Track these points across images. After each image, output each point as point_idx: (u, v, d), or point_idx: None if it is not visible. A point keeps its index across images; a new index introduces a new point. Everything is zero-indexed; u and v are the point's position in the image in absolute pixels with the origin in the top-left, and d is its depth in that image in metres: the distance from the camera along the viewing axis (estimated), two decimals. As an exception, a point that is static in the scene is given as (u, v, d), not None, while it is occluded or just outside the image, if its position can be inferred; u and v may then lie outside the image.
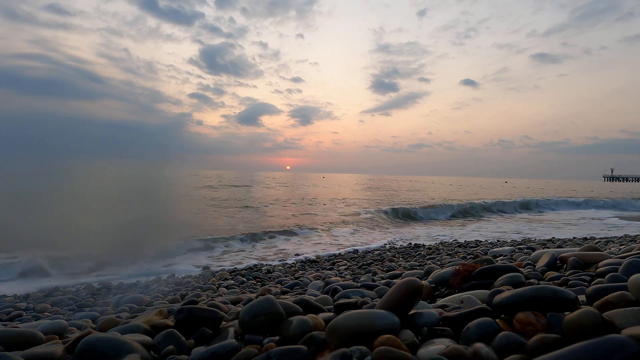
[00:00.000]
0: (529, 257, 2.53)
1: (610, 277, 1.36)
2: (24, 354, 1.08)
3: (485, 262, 2.14)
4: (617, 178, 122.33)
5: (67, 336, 1.45)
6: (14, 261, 5.28)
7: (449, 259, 4.18)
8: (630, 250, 2.11)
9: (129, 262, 5.21)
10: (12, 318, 2.63)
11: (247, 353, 1.03)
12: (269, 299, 1.24)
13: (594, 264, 1.83)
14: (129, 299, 2.97)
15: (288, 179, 48.24)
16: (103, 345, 1.03)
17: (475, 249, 5.01)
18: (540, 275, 1.87)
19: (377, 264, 4.44)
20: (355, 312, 1.08)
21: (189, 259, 5.74)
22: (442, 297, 1.66)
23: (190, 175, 30.15)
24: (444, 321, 1.13)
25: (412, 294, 1.14)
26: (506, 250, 3.62)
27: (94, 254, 5.39)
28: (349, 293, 1.95)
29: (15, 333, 1.24)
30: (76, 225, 6.08)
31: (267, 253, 6.42)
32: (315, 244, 7.36)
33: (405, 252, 5.62)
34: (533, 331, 0.97)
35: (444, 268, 2.13)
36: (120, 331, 1.28)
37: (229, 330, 1.25)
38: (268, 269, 4.62)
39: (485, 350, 0.89)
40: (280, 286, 3.17)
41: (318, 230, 9.00)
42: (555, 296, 1.04)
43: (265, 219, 11.16)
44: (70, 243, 5.75)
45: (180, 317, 1.30)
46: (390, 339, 0.97)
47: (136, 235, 6.09)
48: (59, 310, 2.90)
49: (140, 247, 5.84)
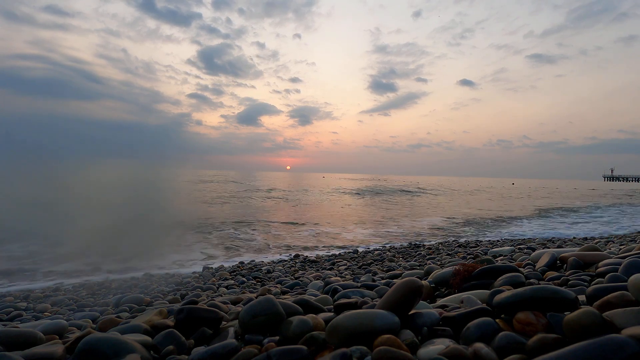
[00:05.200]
0: (529, 257, 2.53)
1: (610, 277, 1.36)
2: (24, 354, 1.08)
3: (485, 262, 2.14)
4: (617, 178, 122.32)
5: (67, 336, 1.45)
6: (13, 257, 5.29)
7: (449, 259, 4.18)
8: (630, 250, 2.12)
9: (128, 261, 5.22)
10: (12, 318, 2.63)
11: (247, 353, 1.03)
12: (269, 299, 1.24)
13: (594, 264, 1.83)
14: (129, 299, 2.97)
15: (309, 182, 42.19)
16: (103, 345, 1.03)
17: (475, 249, 5.01)
18: (540, 275, 1.87)
19: (377, 264, 4.44)
20: (355, 312, 1.08)
21: (189, 259, 5.74)
22: (442, 297, 1.66)
23: (196, 179, 28.79)
24: (444, 321, 1.13)
25: (412, 294, 1.14)
26: (506, 250, 3.62)
27: (93, 254, 5.40)
28: (349, 293, 1.95)
29: (15, 333, 1.24)
30: (75, 224, 6.08)
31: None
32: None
33: (406, 252, 5.62)
34: (533, 331, 0.97)
35: (444, 268, 2.13)
36: (120, 331, 1.28)
37: (229, 330, 1.25)
38: (268, 269, 4.62)
39: (485, 350, 0.89)
40: (280, 286, 3.17)
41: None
42: (555, 296, 1.04)
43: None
44: (69, 241, 5.76)
45: (180, 317, 1.30)
46: (390, 339, 0.97)
47: (136, 235, 6.09)
48: (59, 310, 2.90)
49: (140, 247, 5.85)
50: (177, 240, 6.77)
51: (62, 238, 5.95)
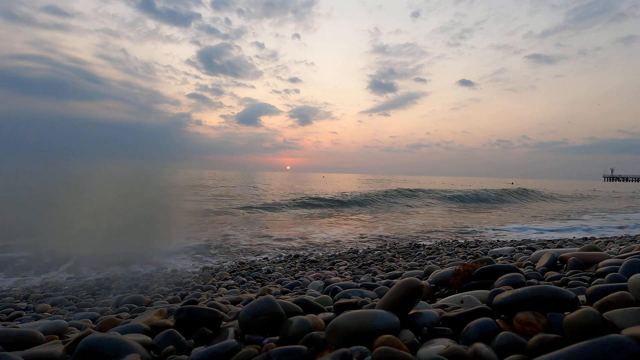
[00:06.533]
0: (529, 257, 2.53)
1: (610, 277, 1.36)
2: (24, 354, 1.08)
3: (485, 262, 2.14)
4: (617, 178, 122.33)
5: (67, 336, 1.45)
6: (14, 256, 5.29)
7: (449, 259, 4.18)
8: (630, 250, 2.12)
9: (128, 260, 5.22)
10: (12, 318, 2.63)
11: (247, 353, 1.03)
12: (269, 299, 1.24)
13: (594, 264, 1.83)
14: (129, 299, 2.97)
15: (318, 182, 40.93)
16: (103, 345, 1.03)
17: (475, 249, 5.01)
18: (540, 275, 1.87)
19: (377, 264, 4.44)
20: (355, 312, 1.08)
21: (189, 258, 5.74)
22: (442, 297, 1.66)
23: (197, 180, 27.85)
24: (444, 321, 1.13)
25: (412, 294, 1.14)
26: (506, 250, 3.63)
27: (93, 253, 5.40)
28: (349, 293, 1.95)
29: (15, 333, 1.24)
30: (74, 224, 6.08)
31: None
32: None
33: (406, 252, 5.62)
34: (533, 331, 0.97)
35: (444, 268, 2.13)
36: (120, 331, 1.28)
37: (229, 330, 1.25)
38: (268, 269, 4.62)
39: (485, 350, 0.89)
40: (280, 286, 3.17)
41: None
42: (555, 296, 1.04)
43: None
44: (69, 242, 5.76)
45: (180, 317, 1.30)
46: (390, 339, 0.97)
47: (135, 235, 6.10)
48: (59, 310, 2.90)
49: (140, 246, 5.85)
50: (174, 239, 6.77)
51: (61, 238, 5.95)
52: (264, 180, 41.43)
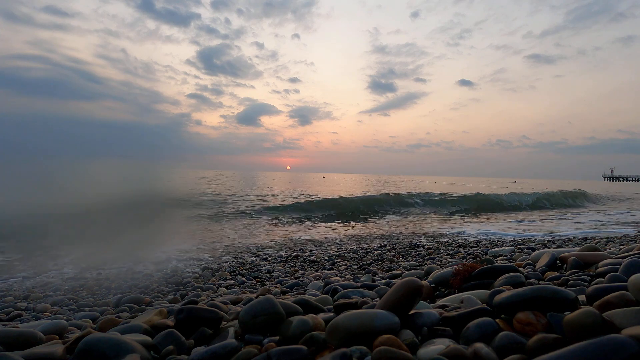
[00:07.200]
0: (529, 257, 2.53)
1: (610, 277, 1.36)
2: (24, 354, 1.08)
3: (485, 262, 2.14)
4: (617, 178, 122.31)
5: (67, 336, 1.45)
6: (13, 257, 5.30)
7: (449, 259, 4.18)
8: (630, 250, 2.12)
9: (128, 260, 5.22)
10: (12, 318, 2.62)
11: (247, 353, 1.03)
12: (269, 299, 1.24)
13: (594, 264, 1.83)
14: (129, 299, 2.97)
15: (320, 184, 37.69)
16: (103, 345, 1.03)
17: (475, 249, 5.01)
18: (540, 275, 1.87)
19: (377, 264, 4.44)
20: (355, 312, 1.08)
21: (189, 259, 5.73)
22: (442, 297, 1.66)
23: (198, 180, 27.53)
24: (444, 321, 1.13)
25: (412, 294, 1.14)
26: (506, 250, 3.63)
27: (93, 253, 5.40)
28: (349, 293, 1.95)
29: (15, 333, 1.24)
30: (74, 224, 6.08)
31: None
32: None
33: (406, 252, 5.62)
34: (533, 331, 0.97)
35: (444, 268, 2.13)
36: (120, 331, 1.28)
37: (229, 330, 1.25)
38: (268, 269, 4.62)
39: (485, 350, 0.89)
40: (280, 286, 3.17)
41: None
42: (555, 296, 1.04)
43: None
44: (69, 242, 5.76)
45: (180, 317, 1.30)
46: (390, 339, 0.97)
47: (135, 235, 6.10)
48: (59, 310, 2.90)
49: (140, 247, 5.85)
50: (174, 240, 6.77)
51: (61, 238, 5.95)
52: (264, 180, 41.46)
